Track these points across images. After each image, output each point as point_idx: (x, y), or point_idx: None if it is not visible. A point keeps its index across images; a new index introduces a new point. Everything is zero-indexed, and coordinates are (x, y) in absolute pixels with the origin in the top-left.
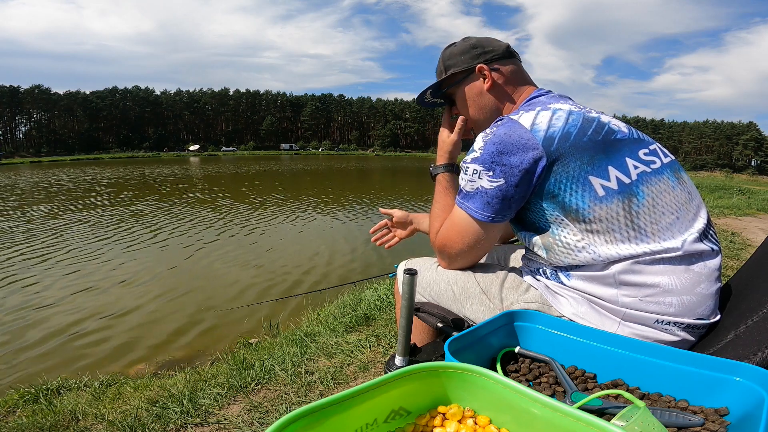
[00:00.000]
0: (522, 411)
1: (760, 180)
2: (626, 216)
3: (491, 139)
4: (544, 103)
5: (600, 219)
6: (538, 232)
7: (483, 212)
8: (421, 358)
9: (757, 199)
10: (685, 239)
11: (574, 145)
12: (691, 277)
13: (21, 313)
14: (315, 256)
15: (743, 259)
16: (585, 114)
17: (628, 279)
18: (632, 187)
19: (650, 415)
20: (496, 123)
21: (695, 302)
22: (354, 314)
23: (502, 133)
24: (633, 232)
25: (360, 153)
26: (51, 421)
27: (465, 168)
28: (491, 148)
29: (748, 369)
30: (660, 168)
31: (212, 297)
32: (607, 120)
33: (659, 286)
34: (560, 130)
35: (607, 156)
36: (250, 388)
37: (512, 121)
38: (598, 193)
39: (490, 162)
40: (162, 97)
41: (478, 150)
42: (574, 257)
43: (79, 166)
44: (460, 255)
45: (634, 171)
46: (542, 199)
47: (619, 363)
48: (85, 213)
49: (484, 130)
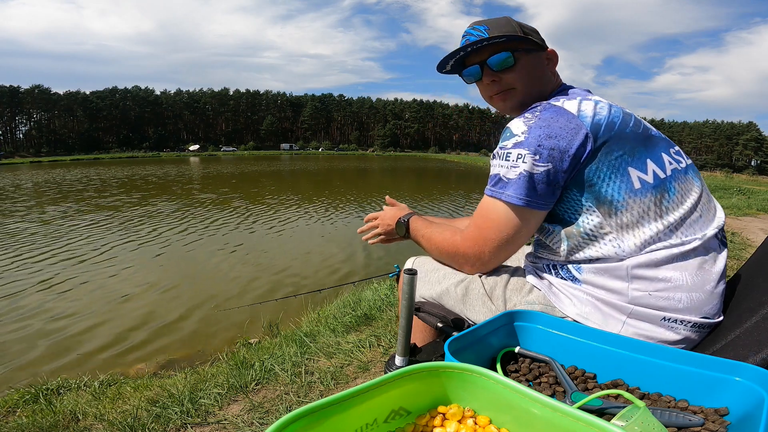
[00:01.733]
0: (522, 411)
1: (760, 180)
2: (656, 210)
3: (536, 123)
4: (583, 95)
5: (631, 211)
6: (563, 223)
7: (527, 198)
8: (421, 358)
9: (757, 199)
10: (705, 234)
11: (618, 134)
12: (702, 274)
13: (53, 312)
14: (335, 257)
15: (743, 259)
16: (623, 109)
17: (641, 273)
18: (666, 182)
19: (650, 415)
20: (536, 108)
21: (703, 300)
22: (354, 314)
23: (548, 117)
24: (661, 226)
25: (360, 153)
26: (51, 421)
27: (505, 154)
28: (538, 132)
29: (748, 369)
30: (686, 167)
31: (224, 296)
32: (639, 118)
33: (670, 281)
34: (605, 118)
35: (646, 149)
36: (250, 388)
37: (556, 107)
38: (634, 185)
39: (536, 145)
40: (162, 97)
41: (522, 134)
42: (597, 249)
43: (82, 166)
44: (498, 251)
45: (669, 167)
46: (578, 187)
47: (619, 363)
48: (106, 213)
49: (523, 104)
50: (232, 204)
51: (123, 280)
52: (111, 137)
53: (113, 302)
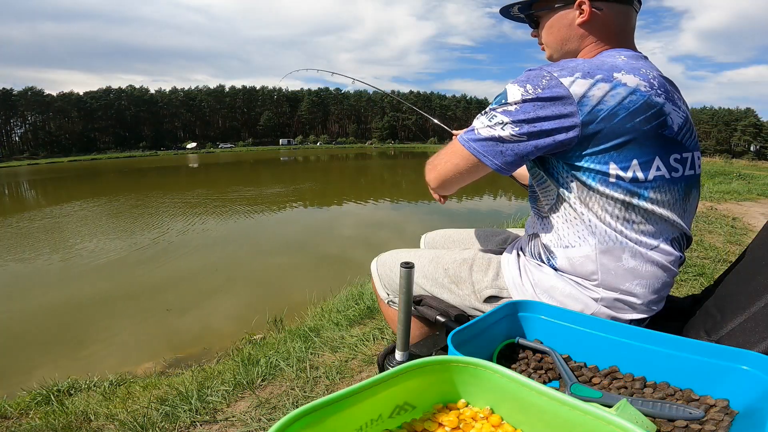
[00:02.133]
0: (530, 404)
1: (759, 165)
2: (621, 209)
3: (532, 100)
4: (610, 71)
5: (600, 201)
6: (552, 179)
7: (491, 158)
8: (421, 352)
9: (757, 184)
10: (661, 243)
11: (615, 126)
12: (660, 273)
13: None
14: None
15: (744, 245)
16: (650, 97)
17: (606, 261)
18: (642, 186)
19: (629, 405)
20: (541, 80)
21: (659, 288)
22: (357, 308)
23: (546, 96)
24: (625, 225)
25: (359, 146)
26: (64, 422)
27: (491, 116)
28: (528, 110)
29: (755, 357)
30: (680, 177)
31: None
32: (669, 111)
33: (633, 272)
34: (610, 108)
35: (641, 147)
36: (256, 384)
37: (561, 87)
38: (609, 179)
39: (521, 120)
40: (157, 95)
41: (513, 105)
42: (573, 219)
43: (98, 168)
44: (444, 185)
45: (655, 172)
46: (563, 161)
47: (624, 353)
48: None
49: (556, 62)
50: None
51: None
52: (107, 137)
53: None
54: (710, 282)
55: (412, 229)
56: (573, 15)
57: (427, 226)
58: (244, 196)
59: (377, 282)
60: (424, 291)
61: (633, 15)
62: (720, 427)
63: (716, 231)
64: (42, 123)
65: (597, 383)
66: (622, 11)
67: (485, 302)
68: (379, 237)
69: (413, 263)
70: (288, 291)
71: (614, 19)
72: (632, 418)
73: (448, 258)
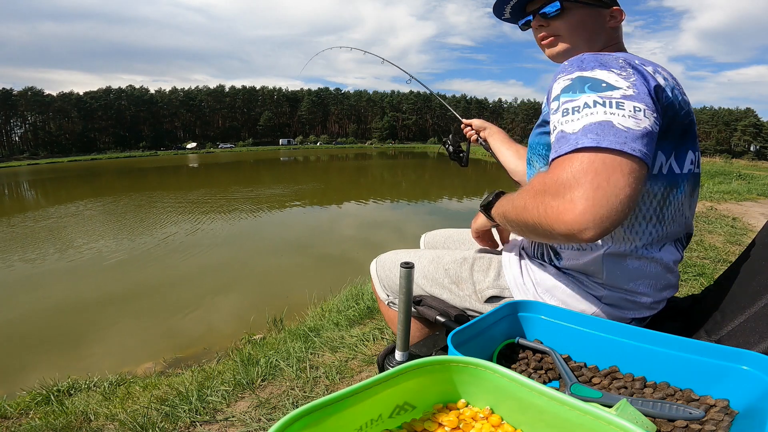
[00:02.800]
0: (530, 404)
1: (759, 165)
2: (659, 203)
3: (637, 78)
4: (654, 66)
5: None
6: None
7: (650, 155)
8: (421, 352)
9: (757, 184)
10: (664, 244)
11: (667, 105)
12: (662, 272)
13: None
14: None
15: (744, 245)
16: (680, 93)
17: (613, 263)
18: (677, 179)
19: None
20: (611, 60)
21: (662, 288)
22: (357, 308)
23: (640, 74)
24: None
25: (359, 146)
26: (63, 422)
27: (615, 103)
28: (643, 89)
29: (755, 357)
30: (691, 174)
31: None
32: (690, 108)
33: (638, 272)
34: (665, 87)
35: (674, 138)
36: (256, 384)
37: (643, 62)
38: (652, 170)
39: (651, 102)
40: (157, 95)
41: (628, 88)
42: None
43: (118, 172)
44: (622, 212)
45: (688, 165)
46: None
47: (623, 353)
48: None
49: (567, 54)
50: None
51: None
52: (107, 137)
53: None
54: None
55: (412, 229)
56: (605, 15)
57: (427, 226)
58: (244, 197)
59: (377, 283)
60: (424, 291)
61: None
62: (720, 427)
63: (716, 231)
64: (42, 123)
65: (597, 383)
66: (622, 14)
67: (487, 302)
68: (379, 237)
69: (413, 263)
70: (288, 291)
71: (621, 25)
72: (632, 418)
73: (449, 258)
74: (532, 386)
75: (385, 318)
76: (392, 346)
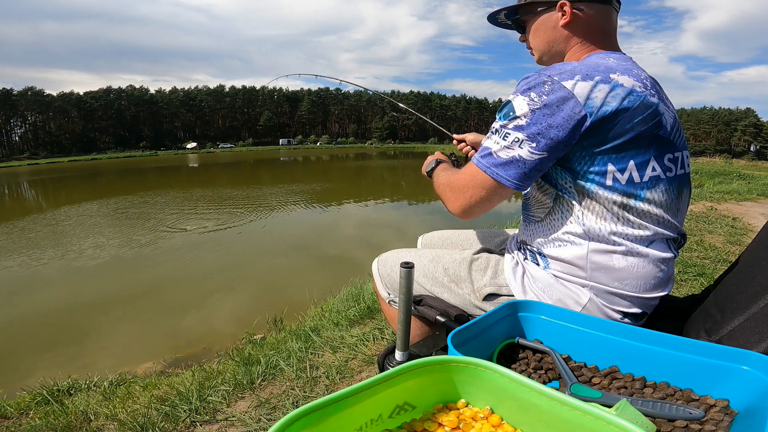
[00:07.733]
0: (529, 404)
1: (759, 165)
2: (618, 211)
3: (541, 109)
4: (606, 72)
5: (599, 202)
6: (551, 184)
7: (516, 181)
8: (421, 352)
9: (758, 184)
10: (654, 240)
11: (615, 128)
12: (651, 270)
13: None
14: None
15: (744, 245)
16: (646, 98)
17: (599, 258)
18: (638, 188)
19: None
20: (543, 86)
21: (650, 285)
22: (357, 308)
23: (554, 102)
24: (619, 226)
25: (359, 146)
26: (64, 422)
27: (504, 133)
28: (540, 119)
29: (755, 357)
30: (673, 177)
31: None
32: (663, 111)
33: (623, 270)
34: (612, 109)
35: (637, 149)
36: (256, 384)
37: (564, 90)
38: (606, 182)
39: (536, 133)
40: (157, 95)
41: (523, 118)
42: (569, 218)
43: (98, 167)
44: (471, 211)
45: (650, 173)
46: (561, 164)
47: (623, 353)
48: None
49: (546, 65)
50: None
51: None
52: (107, 137)
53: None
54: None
55: (413, 229)
56: (556, 17)
57: (427, 226)
58: (244, 196)
59: (378, 281)
60: (424, 290)
61: (614, 15)
62: (720, 427)
63: (716, 231)
64: (42, 123)
65: (597, 383)
66: (602, 11)
67: (485, 300)
68: (379, 237)
69: (413, 263)
70: (288, 291)
71: (595, 19)
72: (632, 418)
73: (448, 257)
74: (532, 386)
75: (386, 316)
76: (392, 346)
